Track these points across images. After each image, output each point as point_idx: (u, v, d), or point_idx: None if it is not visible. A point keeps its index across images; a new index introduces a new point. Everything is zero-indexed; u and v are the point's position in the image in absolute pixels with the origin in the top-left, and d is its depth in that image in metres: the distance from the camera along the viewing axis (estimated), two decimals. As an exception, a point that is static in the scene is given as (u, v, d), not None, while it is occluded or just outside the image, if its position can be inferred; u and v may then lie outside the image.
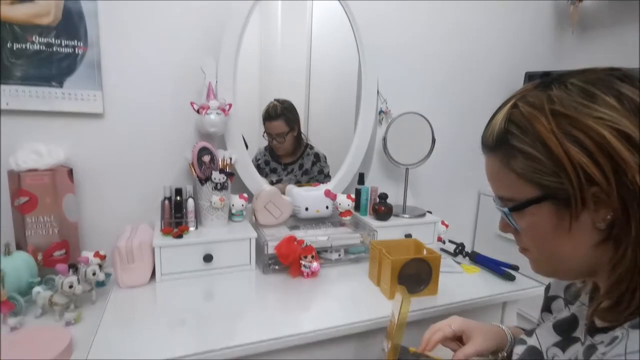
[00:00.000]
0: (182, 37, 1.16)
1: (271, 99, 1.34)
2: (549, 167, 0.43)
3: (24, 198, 0.96)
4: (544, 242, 0.48)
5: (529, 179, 0.46)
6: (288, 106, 1.35)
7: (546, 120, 0.43)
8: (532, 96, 0.46)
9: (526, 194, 0.47)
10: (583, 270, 0.48)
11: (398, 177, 1.52)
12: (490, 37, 1.65)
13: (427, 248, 1.06)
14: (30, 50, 1.01)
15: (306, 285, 1.04)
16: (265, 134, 1.35)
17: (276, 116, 1.34)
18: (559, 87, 0.45)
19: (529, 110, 0.45)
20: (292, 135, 1.37)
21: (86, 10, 1.04)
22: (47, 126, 1.07)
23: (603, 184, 0.41)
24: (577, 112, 0.42)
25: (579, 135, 0.41)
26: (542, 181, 0.45)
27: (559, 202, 0.44)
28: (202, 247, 1.05)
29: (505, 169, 0.48)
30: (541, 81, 0.47)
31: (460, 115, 1.66)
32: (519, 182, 0.47)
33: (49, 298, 0.86)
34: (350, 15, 1.29)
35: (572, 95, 0.43)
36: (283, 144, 1.36)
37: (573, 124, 0.42)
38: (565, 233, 0.45)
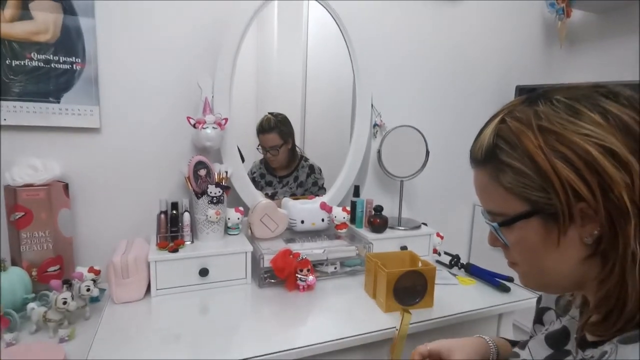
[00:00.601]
0: (179, 53, 1.18)
1: (266, 113, 1.36)
2: (537, 183, 0.44)
3: (19, 213, 0.96)
4: (532, 256, 0.49)
5: (517, 194, 0.46)
6: (282, 119, 1.37)
7: (533, 136, 0.44)
8: (519, 111, 0.47)
9: (515, 208, 0.47)
10: (571, 284, 0.49)
11: (393, 189, 1.53)
12: (481, 52, 1.68)
13: (422, 260, 1.06)
14: (29, 66, 1.02)
15: (302, 299, 1.04)
16: (259, 146, 1.37)
17: (270, 129, 1.35)
18: (545, 103, 0.46)
19: (516, 125, 0.46)
20: (286, 148, 1.38)
21: (84, 27, 1.06)
22: (44, 141, 1.07)
23: (590, 200, 0.41)
24: (564, 128, 0.43)
25: (565, 151, 0.42)
26: (530, 196, 0.45)
27: (547, 217, 0.45)
28: (198, 261, 1.05)
29: (494, 184, 0.48)
30: (527, 97, 0.48)
31: (454, 128, 1.68)
32: (507, 196, 0.47)
33: (43, 314, 0.86)
34: (344, 31, 1.32)
35: (558, 112, 0.44)
36: (277, 157, 1.38)
37: (560, 140, 0.43)
38: (554, 247, 0.45)
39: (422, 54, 1.56)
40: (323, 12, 1.29)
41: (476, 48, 1.67)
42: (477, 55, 1.68)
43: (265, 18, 1.25)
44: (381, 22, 1.46)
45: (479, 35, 1.66)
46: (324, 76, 1.44)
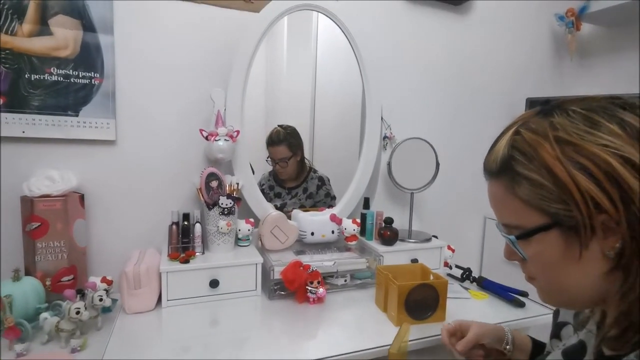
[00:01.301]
0: (193, 67, 1.21)
1: (276, 125, 1.38)
2: (556, 194, 0.43)
3: (35, 223, 0.98)
4: (551, 271, 0.47)
5: (535, 206, 0.45)
6: (291, 131, 1.39)
7: (550, 147, 0.43)
8: (534, 123, 0.46)
9: (533, 221, 0.46)
10: (592, 299, 0.47)
11: (403, 201, 1.52)
12: (491, 64, 1.69)
13: (433, 273, 1.05)
14: (49, 81, 1.06)
15: (312, 312, 1.03)
16: (268, 158, 1.38)
17: (279, 141, 1.37)
18: (561, 115, 0.45)
19: (532, 136, 0.45)
20: (295, 160, 1.40)
21: (103, 43, 1.10)
22: (61, 153, 1.10)
23: (611, 212, 0.40)
24: (582, 139, 0.42)
25: (585, 162, 0.41)
26: (549, 208, 0.44)
27: (566, 229, 0.44)
28: (209, 272, 1.06)
29: (509, 196, 0.48)
30: (541, 108, 0.48)
31: (464, 140, 1.68)
32: (524, 209, 0.46)
33: (56, 324, 0.86)
34: (354, 44, 1.34)
35: (575, 122, 0.44)
36: (286, 169, 1.39)
37: (578, 150, 0.42)
38: (574, 261, 0.44)
39: (432, 66, 1.57)
40: (332, 25, 1.32)
41: (486, 60, 1.68)
42: (487, 67, 1.68)
43: (276, 32, 1.28)
44: (391, 35, 1.48)
45: (488, 48, 1.67)
46: (333, 89, 1.46)
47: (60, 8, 1.05)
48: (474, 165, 1.72)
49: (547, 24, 1.78)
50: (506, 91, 1.74)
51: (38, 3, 1.03)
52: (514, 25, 1.71)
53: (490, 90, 1.71)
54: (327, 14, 1.29)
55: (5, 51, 1.01)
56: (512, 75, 1.74)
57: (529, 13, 1.73)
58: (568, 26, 1.69)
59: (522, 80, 1.76)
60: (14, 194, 1.02)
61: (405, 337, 0.84)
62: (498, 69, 1.71)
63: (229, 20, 1.23)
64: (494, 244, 1.74)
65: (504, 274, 1.56)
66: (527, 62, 1.77)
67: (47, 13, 1.04)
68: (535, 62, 1.79)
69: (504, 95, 1.73)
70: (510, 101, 1.74)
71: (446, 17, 1.57)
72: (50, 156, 1.09)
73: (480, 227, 1.79)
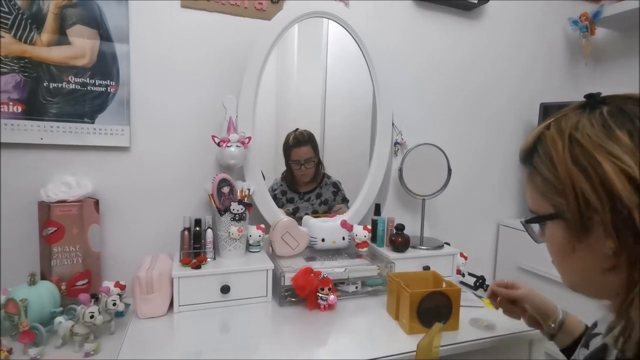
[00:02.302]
0: (205, 75, 1.23)
1: (287, 131, 1.38)
2: (558, 189, 0.47)
3: (52, 228, 1.00)
4: (559, 258, 0.52)
5: (545, 197, 0.50)
6: (312, 134, 1.40)
7: (562, 146, 0.47)
8: (568, 118, 0.49)
9: (543, 209, 0.51)
10: (596, 290, 0.50)
11: (414, 208, 1.51)
12: (504, 69, 1.68)
13: (446, 281, 1.04)
14: (66, 89, 1.08)
15: (323, 319, 1.02)
16: (290, 162, 1.38)
17: (304, 142, 1.38)
18: (591, 113, 0.47)
19: (554, 134, 0.49)
20: (315, 163, 1.40)
21: (119, 52, 1.12)
22: (77, 159, 1.12)
23: (600, 212, 0.43)
24: (592, 144, 0.45)
25: (586, 165, 0.44)
26: (552, 201, 0.49)
27: (567, 222, 0.47)
28: (220, 278, 1.06)
29: (530, 183, 0.53)
30: (586, 102, 0.50)
31: (477, 145, 1.66)
32: (538, 197, 0.51)
33: (70, 328, 0.87)
34: (364, 50, 1.34)
35: (595, 125, 0.46)
36: (309, 171, 1.39)
37: (584, 153, 0.45)
38: (570, 253, 0.49)
39: (443, 71, 1.57)
40: (343, 32, 1.32)
41: (499, 66, 1.66)
42: (500, 73, 1.67)
43: (287, 39, 1.29)
44: (402, 41, 1.49)
45: (501, 53, 1.66)
46: (344, 95, 1.46)
47: (78, 18, 1.07)
48: (487, 171, 1.70)
49: (560, 28, 1.76)
50: (519, 96, 1.72)
51: (57, 13, 1.06)
52: (527, 30, 1.70)
53: (504, 95, 1.69)
54: (338, 21, 1.30)
55: (25, 60, 1.04)
56: (526, 80, 1.73)
57: (542, 18, 1.72)
58: (582, 30, 1.68)
59: (536, 85, 1.74)
60: (31, 200, 1.04)
61: (437, 341, 0.84)
62: (511, 74, 1.70)
63: (241, 28, 1.25)
64: (508, 251, 1.70)
65: (519, 282, 1.53)
66: (540, 67, 1.75)
67: (65, 23, 1.07)
68: (549, 66, 1.77)
69: (517, 100, 1.72)
70: (523, 106, 1.72)
71: (458, 22, 1.56)
72: (67, 162, 1.11)
73: (494, 234, 1.76)
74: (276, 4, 1.28)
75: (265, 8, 1.27)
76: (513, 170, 1.75)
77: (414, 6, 1.49)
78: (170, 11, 1.18)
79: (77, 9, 1.07)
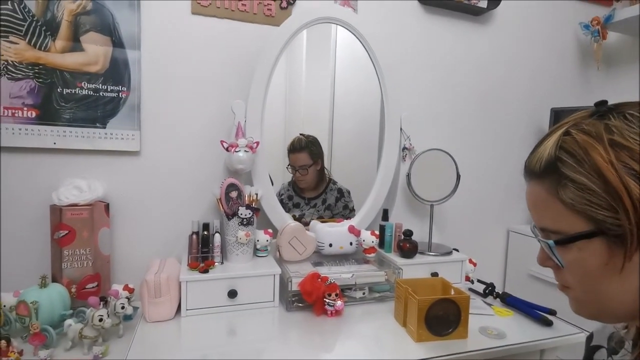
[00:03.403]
0: (215, 81, 1.25)
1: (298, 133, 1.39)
2: (605, 201, 0.41)
3: (63, 231, 1.01)
4: (589, 281, 0.45)
5: (579, 211, 0.43)
6: (313, 140, 1.40)
7: (604, 151, 0.41)
8: (588, 124, 0.44)
9: (575, 227, 0.44)
10: (628, 314, 0.45)
11: (423, 213, 1.50)
12: (513, 74, 1.66)
13: (454, 288, 1.02)
14: (79, 94, 1.10)
15: (330, 325, 1.02)
16: (289, 166, 1.39)
17: (300, 148, 1.38)
18: (617, 117, 0.43)
19: (584, 138, 0.43)
20: (315, 168, 1.40)
21: (131, 59, 1.14)
22: (89, 163, 1.14)
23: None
24: (638, 144, 0.41)
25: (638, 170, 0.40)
26: (595, 215, 0.42)
27: (611, 238, 0.42)
28: (227, 283, 1.06)
29: (551, 199, 0.45)
30: (596, 110, 0.46)
31: (486, 151, 1.65)
32: (567, 213, 0.44)
33: (80, 331, 0.88)
34: (372, 55, 1.34)
35: (633, 127, 0.42)
36: (306, 177, 1.39)
37: (633, 156, 0.40)
38: (615, 273, 0.42)
39: (451, 76, 1.56)
40: (351, 37, 1.33)
41: (508, 70, 1.65)
42: (510, 77, 1.66)
43: (295, 44, 1.30)
44: (410, 46, 1.48)
45: (511, 58, 1.65)
46: (352, 100, 1.47)
47: (91, 25, 1.10)
48: (496, 177, 1.68)
49: (571, 33, 1.74)
50: (530, 101, 1.70)
51: (70, 21, 1.08)
52: (537, 35, 1.68)
53: (513, 100, 1.68)
54: (346, 26, 1.30)
55: (39, 66, 1.07)
56: (536, 85, 1.71)
57: (552, 22, 1.70)
58: (594, 35, 1.66)
59: (547, 90, 1.72)
60: (44, 203, 1.06)
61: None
62: (521, 79, 1.68)
63: (251, 34, 1.26)
64: (518, 258, 1.68)
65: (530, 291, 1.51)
66: (551, 71, 1.73)
67: (79, 30, 1.09)
68: (560, 71, 1.75)
69: (527, 105, 1.70)
70: (534, 111, 1.70)
71: (466, 27, 1.56)
72: (79, 166, 1.13)
73: (504, 241, 1.74)
74: (285, 10, 1.29)
75: (275, 14, 1.28)
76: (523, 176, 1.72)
77: (423, 11, 1.49)
78: (181, 18, 1.19)
79: (90, 16, 1.09)
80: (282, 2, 1.28)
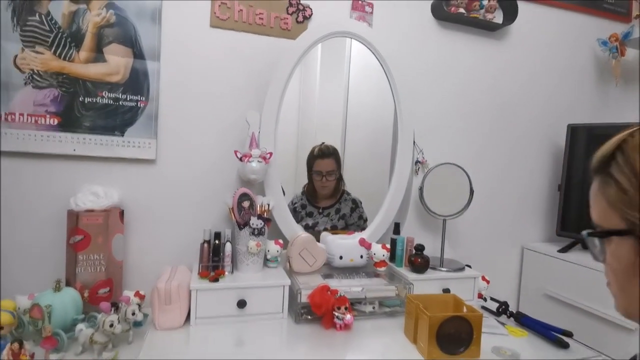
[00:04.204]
0: (231, 92, 1.27)
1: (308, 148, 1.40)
2: (636, 202, 0.43)
3: (79, 236, 1.03)
4: (622, 278, 0.47)
5: (615, 209, 0.45)
6: (336, 149, 1.42)
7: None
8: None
9: (611, 223, 0.46)
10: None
11: (435, 228, 1.48)
12: (530, 90, 1.65)
13: (467, 305, 1.00)
14: (100, 103, 1.14)
15: (339, 338, 1.01)
16: (313, 173, 1.39)
17: (329, 154, 1.40)
18: None
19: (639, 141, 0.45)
20: (336, 176, 1.41)
21: (150, 70, 1.17)
22: (106, 170, 1.17)
23: None
24: None
25: None
26: (627, 215, 0.44)
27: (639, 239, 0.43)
28: (237, 292, 1.06)
29: (599, 194, 0.48)
30: None
31: (501, 166, 1.63)
32: (608, 210, 0.46)
33: (90, 336, 0.89)
34: (386, 69, 1.35)
35: None
36: (331, 183, 1.40)
37: None
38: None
39: (466, 90, 1.56)
40: (365, 50, 1.34)
41: (524, 86, 1.64)
42: (526, 93, 1.65)
43: (310, 57, 1.31)
44: (424, 60, 1.49)
45: (527, 73, 1.64)
46: (365, 113, 1.47)
47: (114, 37, 1.14)
48: (511, 193, 1.65)
49: (589, 49, 1.73)
50: (546, 117, 1.68)
51: (95, 32, 1.12)
52: (554, 51, 1.67)
53: (529, 116, 1.66)
54: (362, 41, 1.32)
55: (63, 76, 1.11)
56: (553, 101, 1.69)
57: (569, 38, 1.69)
58: (612, 51, 1.64)
59: (563, 106, 1.70)
60: (61, 208, 1.09)
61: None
62: (538, 95, 1.67)
63: (267, 47, 1.29)
64: (533, 277, 1.64)
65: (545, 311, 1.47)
66: (568, 88, 1.71)
67: (102, 42, 1.13)
68: (577, 88, 1.73)
69: (544, 121, 1.68)
70: (550, 127, 1.68)
71: (482, 42, 1.56)
72: (96, 173, 1.16)
73: (518, 259, 1.70)
74: (301, 24, 1.31)
75: (291, 28, 1.30)
76: (539, 194, 1.69)
77: (438, 26, 1.50)
78: (200, 31, 1.23)
79: (114, 28, 1.13)
80: (299, 16, 1.30)
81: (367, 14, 1.39)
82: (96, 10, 1.12)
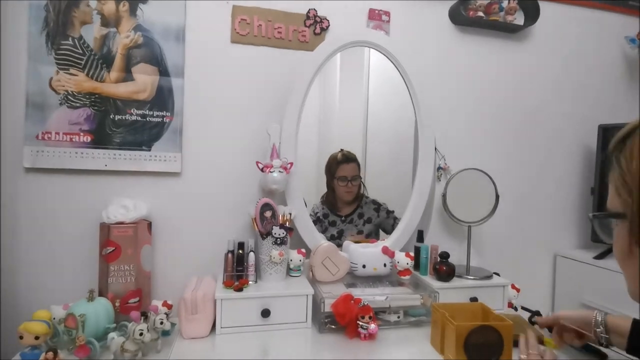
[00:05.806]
0: (252, 105, 1.30)
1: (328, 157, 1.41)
2: (629, 186, 0.45)
3: (110, 248, 1.07)
4: (622, 259, 0.50)
5: (617, 193, 0.47)
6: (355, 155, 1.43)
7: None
8: None
9: (614, 207, 0.48)
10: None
11: (460, 235, 1.45)
12: (556, 91, 1.60)
13: (496, 315, 0.97)
14: (129, 120, 1.19)
15: (363, 348, 0.99)
16: (337, 178, 1.40)
17: (352, 159, 1.42)
18: None
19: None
20: (360, 181, 1.42)
21: (175, 86, 1.22)
22: (134, 184, 1.21)
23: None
24: None
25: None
26: (623, 198, 0.46)
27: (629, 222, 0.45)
28: (261, 302, 1.07)
29: (610, 179, 0.50)
30: None
31: (530, 171, 1.58)
32: (614, 193, 0.49)
33: (121, 344, 0.92)
34: (405, 75, 1.34)
35: None
36: (354, 188, 1.41)
37: None
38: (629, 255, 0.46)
39: (488, 95, 1.53)
40: (384, 58, 1.34)
41: (550, 87, 1.60)
42: (552, 94, 1.60)
43: (329, 67, 1.33)
44: (444, 65, 1.48)
45: (552, 74, 1.59)
46: (385, 120, 1.47)
47: (142, 57, 1.19)
48: (541, 198, 1.60)
49: (617, 47, 1.66)
50: (574, 118, 1.62)
51: (124, 54, 1.18)
52: (579, 50, 1.62)
53: (557, 118, 1.61)
54: (379, 49, 1.33)
55: (95, 95, 1.17)
56: (581, 101, 1.63)
57: (595, 37, 1.63)
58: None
59: (593, 107, 1.64)
60: (95, 221, 1.14)
61: None
62: (565, 96, 1.61)
63: (286, 59, 1.32)
64: (567, 285, 1.56)
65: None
66: (597, 87, 1.65)
67: (130, 62, 1.19)
68: (606, 86, 1.67)
69: (572, 122, 1.62)
70: (579, 129, 1.62)
71: (503, 45, 1.53)
72: (126, 187, 1.21)
73: (550, 266, 1.63)
74: (319, 36, 1.34)
75: (309, 40, 1.33)
76: (571, 198, 1.63)
77: (456, 31, 1.49)
78: (221, 47, 1.27)
79: (141, 49, 1.19)
80: (316, 28, 1.33)
81: (384, 23, 1.39)
82: (125, 32, 1.18)
